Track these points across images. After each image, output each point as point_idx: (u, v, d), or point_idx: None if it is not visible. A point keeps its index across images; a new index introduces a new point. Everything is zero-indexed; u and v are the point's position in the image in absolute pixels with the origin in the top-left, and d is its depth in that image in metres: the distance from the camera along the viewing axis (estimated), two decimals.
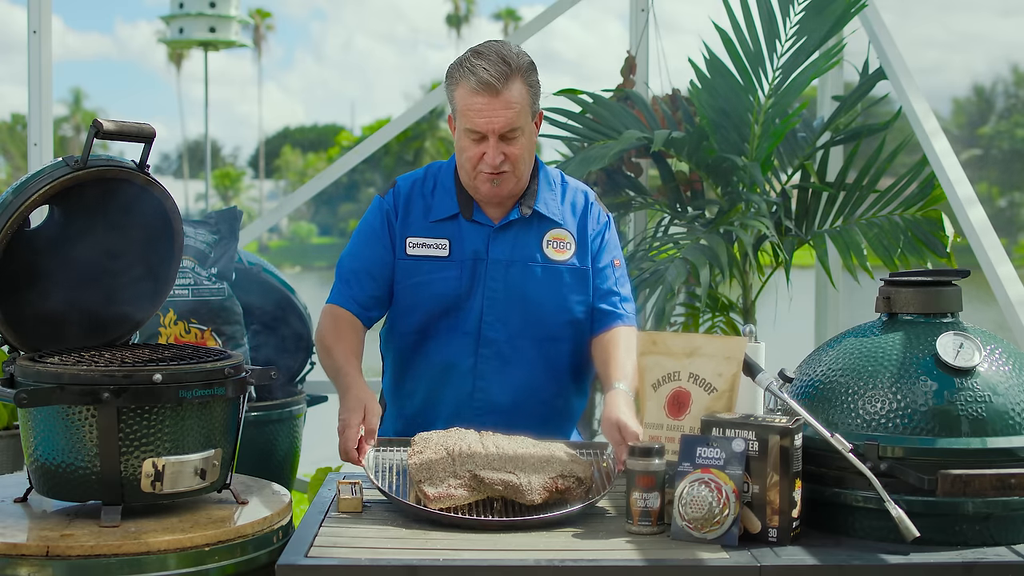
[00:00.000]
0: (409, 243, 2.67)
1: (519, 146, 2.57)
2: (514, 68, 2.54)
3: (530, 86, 2.57)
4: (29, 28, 4.66)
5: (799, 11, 4.30)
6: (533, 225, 2.68)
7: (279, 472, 4.10)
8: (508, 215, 2.66)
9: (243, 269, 4.18)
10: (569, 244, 2.69)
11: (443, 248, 2.66)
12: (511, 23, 64.63)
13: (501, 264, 2.65)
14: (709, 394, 2.22)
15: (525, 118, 2.57)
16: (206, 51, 33.97)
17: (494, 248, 2.65)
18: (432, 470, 2.21)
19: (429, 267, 2.65)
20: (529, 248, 2.66)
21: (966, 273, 2.32)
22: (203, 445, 2.22)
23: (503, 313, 2.64)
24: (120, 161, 2.37)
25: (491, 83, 2.51)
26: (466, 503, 2.18)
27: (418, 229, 2.68)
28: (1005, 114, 41.43)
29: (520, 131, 2.56)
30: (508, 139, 2.56)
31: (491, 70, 2.52)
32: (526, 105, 2.56)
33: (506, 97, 2.53)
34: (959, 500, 2.03)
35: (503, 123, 2.54)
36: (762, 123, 4.34)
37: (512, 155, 2.57)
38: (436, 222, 2.67)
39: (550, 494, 2.21)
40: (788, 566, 1.95)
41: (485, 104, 2.53)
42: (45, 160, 4.23)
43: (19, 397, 2.10)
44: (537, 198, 2.68)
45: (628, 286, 2.77)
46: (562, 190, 2.75)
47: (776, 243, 4.29)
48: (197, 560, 2.08)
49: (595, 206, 2.76)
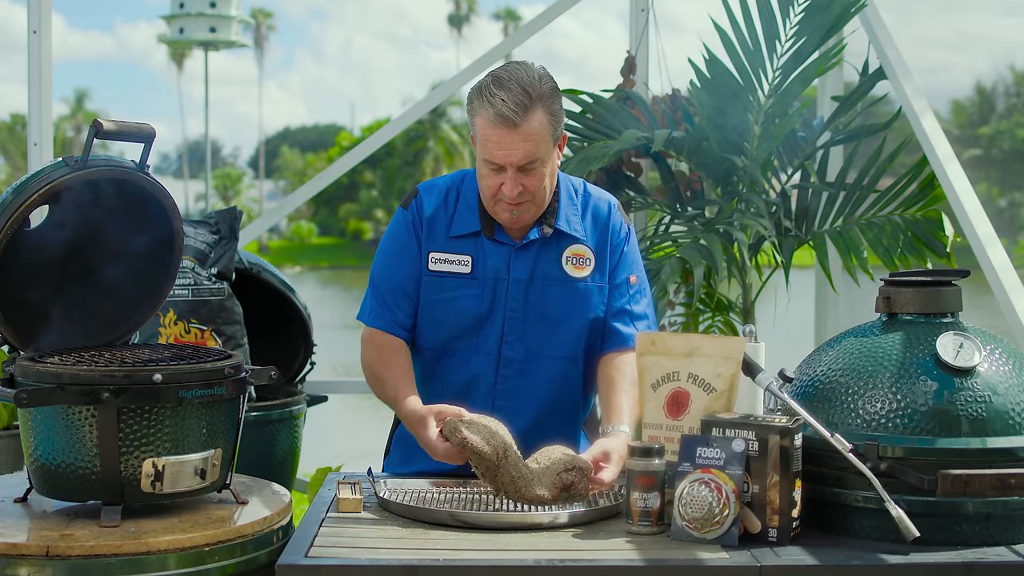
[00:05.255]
0: (432, 258, 2.62)
1: (538, 176, 2.51)
2: (534, 98, 2.45)
3: (551, 115, 2.49)
4: (29, 28, 4.66)
5: (799, 11, 4.29)
6: (553, 243, 2.64)
7: (279, 472, 4.10)
8: (528, 234, 2.62)
9: (243, 269, 4.18)
10: (588, 260, 2.65)
11: (465, 264, 2.61)
12: (511, 23, 64.64)
13: (522, 284, 2.61)
14: (708, 394, 2.22)
15: (546, 148, 2.50)
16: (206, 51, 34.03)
17: (515, 267, 2.61)
18: (475, 426, 2.30)
19: (452, 284, 2.61)
20: (549, 265, 2.63)
21: (966, 273, 2.32)
22: (203, 445, 2.22)
23: (523, 332, 2.62)
24: (120, 161, 2.37)
25: (508, 117, 2.43)
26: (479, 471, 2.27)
27: (440, 244, 2.63)
28: (1005, 114, 41.43)
29: (540, 162, 2.49)
30: (527, 170, 2.49)
31: (509, 102, 2.43)
32: (546, 135, 2.49)
33: (524, 130, 2.44)
34: (959, 500, 2.04)
35: (521, 156, 2.47)
36: (762, 123, 4.33)
37: (531, 186, 2.51)
38: (457, 238, 2.63)
39: (559, 490, 2.24)
40: (788, 566, 1.95)
41: (503, 136, 2.45)
42: (45, 160, 4.23)
43: (19, 397, 2.10)
44: (558, 216, 2.63)
45: (645, 302, 2.71)
46: (583, 202, 2.69)
47: (775, 243, 4.29)
48: (197, 560, 2.08)
49: (616, 217, 2.70)
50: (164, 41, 23.90)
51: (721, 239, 4.12)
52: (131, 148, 2.42)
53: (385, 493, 2.30)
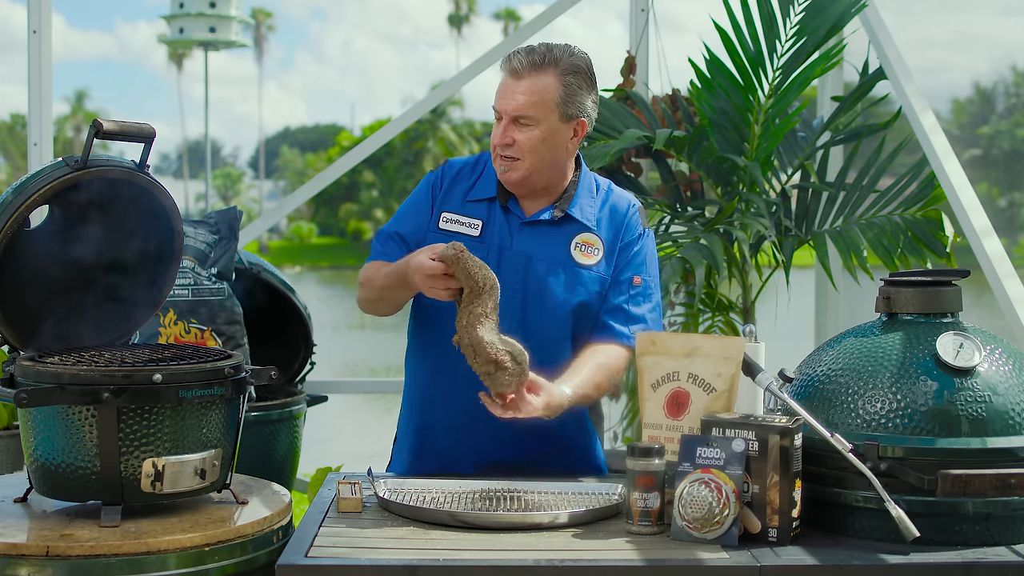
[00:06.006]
0: (443, 218, 2.68)
1: (529, 136, 2.57)
2: (548, 61, 2.56)
3: (564, 86, 2.57)
4: (29, 28, 4.66)
5: (799, 11, 4.29)
6: (564, 227, 2.66)
7: (279, 472, 4.10)
8: (540, 213, 2.66)
9: (243, 269, 4.18)
10: (598, 250, 2.66)
11: (475, 228, 2.66)
12: (511, 23, 64.63)
13: (523, 258, 2.63)
14: (708, 394, 2.22)
15: (545, 112, 2.56)
16: (206, 51, 34.04)
17: (518, 240, 2.64)
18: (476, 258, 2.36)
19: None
20: (556, 249, 2.64)
21: (966, 273, 2.32)
22: (203, 445, 2.22)
23: (522, 308, 2.62)
24: (120, 161, 2.37)
25: (516, 67, 2.57)
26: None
27: (455, 206, 2.69)
28: (1005, 114, 41.38)
29: (534, 121, 2.56)
30: (521, 125, 2.57)
31: (523, 56, 2.57)
32: (550, 100, 2.56)
33: (527, 83, 2.55)
34: (959, 500, 2.04)
35: (515, 106, 2.56)
36: (762, 123, 4.33)
37: (520, 143, 2.57)
38: (472, 202, 2.68)
39: (494, 360, 2.30)
40: (788, 566, 1.95)
41: (507, 86, 2.58)
42: (45, 160, 4.23)
43: (19, 397, 2.10)
44: (572, 203, 2.66)
45: (647, 307, 2.70)
46: (605, 197, 2.72)
47: (775, 243, 4.29)
48: (197, 560, 2.08)
49: (635, 217, 2.72)
50: (164, 41, 23.89)
51: (721, 239, 4.12)
52: (131, 148, 2.42)
53: (385, 493, 2.30)
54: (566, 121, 2.59)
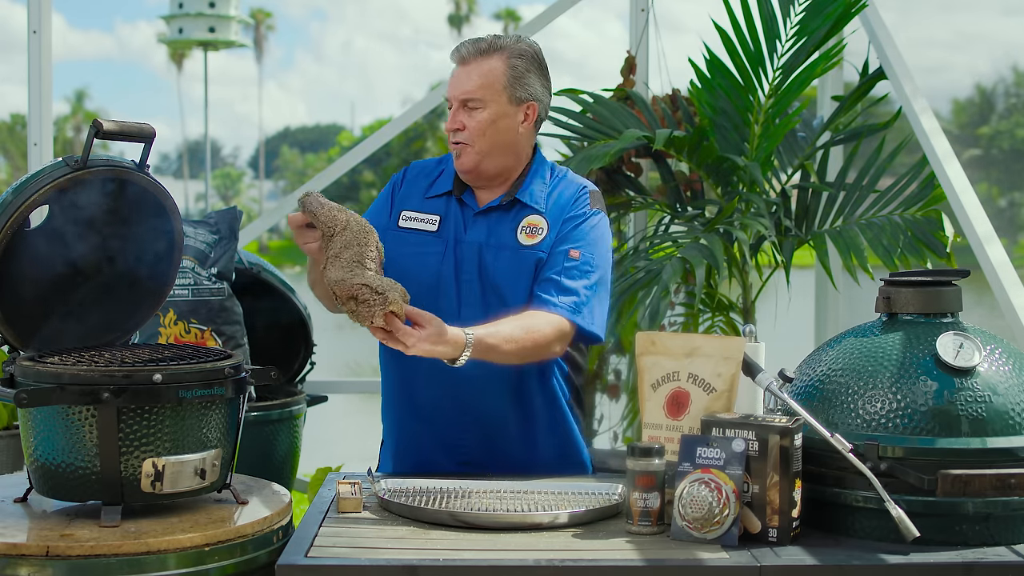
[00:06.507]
0: (403, 216, 2.70)
1: (478, 120, 2.59)
2: (494, 47, 2.61)
3: (511, 68, 2.60)
4: (29, 28, 4.65)
5: (799, 11, 4.29)
6: (512, 212, 2.66)
7: (279, 472, 4.10)
8: (492, 201, 2.67)
9: (243, 269, 4.18)
10: (541, 229, 2.64)
11: (433, 224, 2.67)
12: (511, 23, 64.64)
13: (475, 247, 2.63)
14: (708, 394, 2.22)
15: (492, 95, 2.59)
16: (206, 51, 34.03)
17: (471, 231, 2.65)
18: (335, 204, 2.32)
19: (416, 239, 2.66)
20: (504, 234, 2.64)
21: (966, 273, 2.32)
22: (203, 445, 2.22)
23: (481, 297, 2.61)
24: (120, 161, 2.37)
25: (462, 54, 2.62)
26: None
27: (415, 204, 2.71)
28: (1006, 114, 41.37)
29: (481, 104, 2.59)
30: (469, 109, 2.60)
31: (471, 45, 2.62)
32: (497, 84, 2.59)
33: (473, 68, 2.60)
34: (959, 500, 2.04)
35: (461, 91, 2.60)
36: (762, 123, 4.33)
37: (470, 127, 2.60)
38: (431, 198, 2.70)
39: (351, 294, 2.24)
40: (788, 566, 1.95)
41: (456, 74, 2.63)
42: (45, 160, 4.23)
43: (19, 397, 2.11)
44: (522, 187, 2.67)
45: (583, 281, 2.59)
46: (556, 182, 2.70)
47: (775, 243, 4.29)
48: (197, 560, 2.08)
49: (584, 199, 2.67)
50: (164, 41, 23.84)
51: (721, 239, 4.12)
52: (131, 148, 2.42)
53: (385, 493, 2.30)
54: (516, 104, 2.61)
